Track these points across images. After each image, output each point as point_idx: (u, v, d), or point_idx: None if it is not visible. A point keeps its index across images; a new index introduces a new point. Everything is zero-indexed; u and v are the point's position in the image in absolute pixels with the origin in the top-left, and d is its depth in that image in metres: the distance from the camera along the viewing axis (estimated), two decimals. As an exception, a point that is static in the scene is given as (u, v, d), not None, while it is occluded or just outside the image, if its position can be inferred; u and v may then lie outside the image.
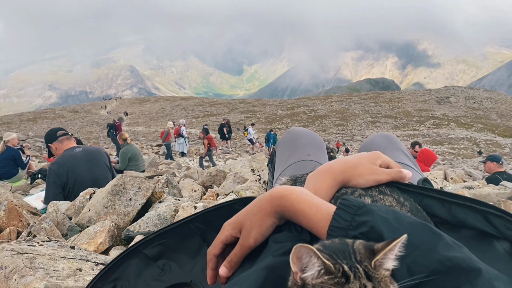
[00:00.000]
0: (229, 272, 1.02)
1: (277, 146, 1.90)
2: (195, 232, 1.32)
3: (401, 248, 0.77)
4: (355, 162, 1.15)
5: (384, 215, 0.89)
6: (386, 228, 0.85)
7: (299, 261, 0.74)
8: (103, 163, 4.36)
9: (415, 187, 1.11)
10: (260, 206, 1.03)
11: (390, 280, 0.76)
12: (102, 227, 2.40)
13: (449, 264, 0.78)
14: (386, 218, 0.88)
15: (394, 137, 1.77)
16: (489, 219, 0.97)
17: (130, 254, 1.32)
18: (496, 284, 0.75)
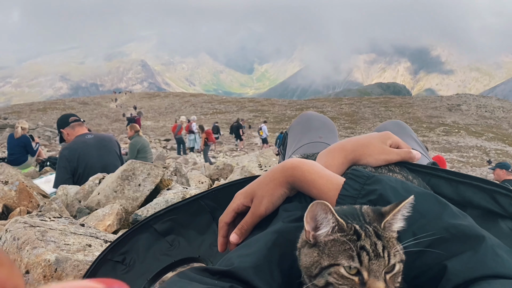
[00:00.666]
0: (240, 239, 1.05)
1: (289, 129, 1.93)
2: (205, 209, 1.35)
3: (409, 209, 0.80)
4: (366, 141, 1.17)
5: (393, 184, 0.91)
6: (394, 196, 0.87)
7: (313, 220, 0.76)
8: (113, 151, 4.41)
9: (423, 167, 1.14)
10: (273, 176, 1.06)
11: (397, 242, 0.78)
12: (111, 210, 2.44)
13: (454, 231, 0.80)
14: (394, 187, 0.90)
15: (405, 125, 1.79)
16: (495, 198, 0.99)
17: (141, 228, 1.36)
18: (498, 251, 0.77)
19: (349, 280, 0.72)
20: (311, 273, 0.76)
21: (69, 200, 2.75)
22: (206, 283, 0.75)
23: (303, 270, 0.79)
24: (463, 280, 0.74)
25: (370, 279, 0.72)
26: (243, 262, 0.82)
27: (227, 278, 0.79)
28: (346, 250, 0.73)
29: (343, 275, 0.72)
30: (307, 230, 0.77)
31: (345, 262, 0.72)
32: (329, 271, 0.73)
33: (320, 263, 0.74)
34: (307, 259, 0.77)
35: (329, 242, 0.75)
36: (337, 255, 0.73)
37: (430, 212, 0.84)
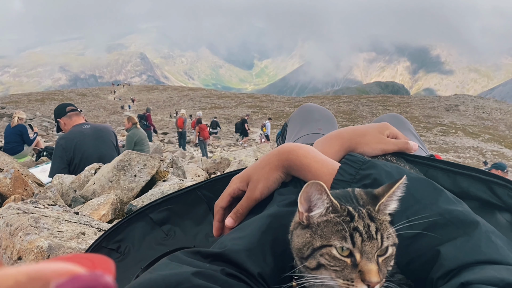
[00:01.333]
0: (235, 222, 1.05)
1: (289, 120, 1.92)
2: (202, 199, 1.34)
3: (402, 189, 0.79)
4: (364, 130, 1.17)
5: (388, 169, 0.91)
6: (389, 181, 0.85)
7: (306, 201, 0.75)
8: (110, 141, 4.39)
9: (421, 158, 1.14)
10: (268, 160, 1.06)
11: (390, 225, 0.77)
12: (106, 200, 2.43)
13: (448, 216, 0.80)
14: (390, 172, 0.90)
15: (403, 118, 1.78)
16: (492, 189, 0.98)
17: (137, 217, 1.34)
18: (492, 238, 0.76)
19: (341, 262, 0.71)
20: (303, 254, 0.75)
21: (64, 189, 2.73)
22: (197, 266, 0.73)
23: (294, 251, 0.78)
24: (456, 265, 0.73)
25: (362, 260, 0.71)
26: (236, 245, 0.81)
27: (219, 261, 0.78)
28: (339, 231, 0.72)
29: (335, 256, 0.71)
30: (301, 211, 0.76)
31: (338, 243, 0.71)
32: (321, 252, 0.72)
33: (312, 244, 0.73)
34: (299, 240, 0.76)
35: (322, 223, 0.74)
36: (329, 236, 0.72)
37: (425, 198, 0.84)
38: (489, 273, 0.68)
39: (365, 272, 0.70)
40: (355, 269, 0.71)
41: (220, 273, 0.72)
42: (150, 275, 0.69)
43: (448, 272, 0.74)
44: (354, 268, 0.71)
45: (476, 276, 0.67)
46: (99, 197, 2.52)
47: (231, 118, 45.17)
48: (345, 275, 0.70)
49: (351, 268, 0.71)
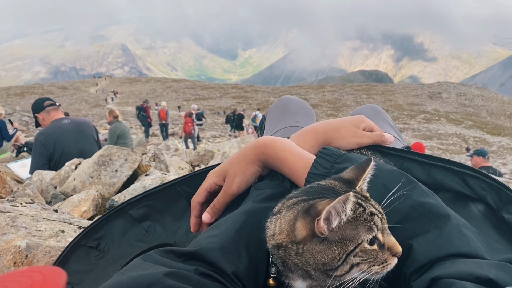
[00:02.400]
0: (212, 218, 1.04)
1: (267, 113, 1.90)
2: (182, 194, 1.33)
3: (372, 172, 0.81)
4: (339, 124, 1.17)
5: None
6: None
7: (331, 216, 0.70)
8: (90, 136, 4.33)
9: (396, 150, 1.14)
10: (244, 154, 1.05)
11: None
12: (87, 196, 2.39)
13: (421, 209, 0.81)
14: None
15: (381, 109, 1.79)
16: (465, 180, 0.99)
17: (116, 214, 1.33)
18: (464, 230, 0.78)
19: (373, 252, 0.71)
20: (332, 266, 0.71)
21: (44, 185, 2.68)
22: (170, 266, 0.72)
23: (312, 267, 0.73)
24: (428, 259, 0.74)
25: (385, 238, 0.72)
26: (210, 243, 0.80)
27: (193, 260, 0.77)
28: (363, 224, 0.71)
29: (367, 249, 0.70)
30: (322, 225, 0.69)
31: (369, 235, 0.70)
32: (354, 254, 0.70)
33: (345, 250, 0.70)
34: (323, 256, 0.71)
35: (343, 226, 0.71)
36: (355, 234, 0.71)
37: (400, 190, 0.83)
38: (459, 267, 0.68)
39: (392, 247, 0.72)
40: (383, 250, 0.72)
41: (193, 272, 0.71)
42: (121, 276, 0.68)
43: (421, 267, 0.74)
44: (383, 250, 0.72)
45: (446, 270, 0.68)
46: (80, 193, 2.49)
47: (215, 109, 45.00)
48: (379, 260, 0.71)
49: (381, 252, 0.71)
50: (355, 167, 0.81)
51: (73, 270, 1.22)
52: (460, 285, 0.62)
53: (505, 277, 0.65)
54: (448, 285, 0.64)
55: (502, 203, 0.93)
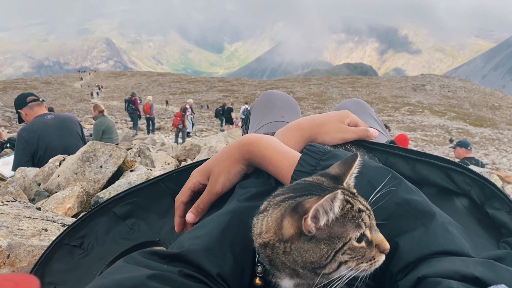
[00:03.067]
0: (196, 218, 1.02)
1: (252, 108, 1.89)
2: (166, 191, 1.32)
3: (358, 167, 0.80)
4: (323, 120, 1.16)
5: None
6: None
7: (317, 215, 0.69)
8: (75, 131, 4.26)
9: (381, 145, 1.14)
10: (229, 153, 1.03)
11: None
12: (71, 193, 2.36)
13: (407, 207, 0.80)
14: None
15: (365, 103, 1.79)
16: (450, 175, 1.00)
17: (99, 211, 1.31)
18: (449, 228, 0.78)
19: (361, 249, 0.70)
20: (320, 264, 0.70)
21: (27, 183, 2.64)
22: (154, 268, 0.71)
23: (297, 265, 0.72)
24: (414, 258, 0.74)
25: (373, 235, 0.71)
26: (194, 244, 0.79)
27: (176, 262, 0.75)
28: (351, 222, 0.70)
29: (355, 247, 0.70)
30: (309, 224, 0.69)
31: (357, 233, 0.70)
32: (342, 251, 0.69)
33: (333, 248, 0.69)
34: (312, 254, 0.70)
35: (331, 223, 0.70)
36: (343, 232, 0.70)
37: (385, 187, 0.83)
38: (444, 265, 0.68)
39: (380, 244, 0.71)
40: (371, 247, 0.71)
41: (177, 274, 0.71)
42: (103, 280, 0.66)
43: (407, 265, 0.74)
44: (371, 247, 0.71)
45: (432, 269, 0.68)
46: (64, 190, 2.45)
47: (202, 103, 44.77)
48: (367, 258, 0.71)
49: (369, 249, 0.71)
50: (341, 163, 0.81)
51: (56, 270, 1.20)
52: (446, 284, 0.62)
53: (491, 275, 0.64)
54: (434, 284, 0.64)
55: (485, 198, 0.94)
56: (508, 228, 0.85)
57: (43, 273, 1.20)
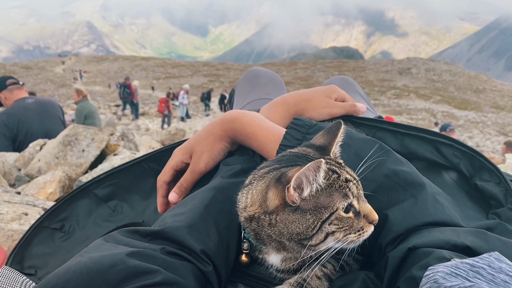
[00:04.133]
0: (179, 197, 1.00)
1: (236, 85, 1.86)
2: (149, 172, 1.30)
3: (344, 135, 0.80)
4: (310, 94, 1.14)
5: None
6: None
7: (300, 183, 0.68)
8: (56, 115, 4.18)
9: (368, 120, 1.13)
10: (211, 130, 1.01)
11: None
12: (53, 177, 2.32)
13: (396, 178, 0.79)
14: None
15: (352, 80, 1.78)
16: (438, 149, 1.00)
17: (80, 193, 1.29)
18: (439, 199, 0.78)
19: (348, 219, 0.69)
20: (307, 235, 0.69)
21: (6, 168, 2.57)
22: (134, 246, 0.69)
23: (290, 236, 0.71)
24: (404, 229, 0.73)
25: (360, 205, 0.71)
26: (177, 221, 0.77)
27: (159, 240, 0.73)
28: (337, 191, 0.69)
29: (342, 217, 0.69)
30: (291, 194, 0.68)
31: (343, 202, 0.69)
32: (329, 221, 0.68)
33: (320, 218, 0.68)
34: (298, 225, 0.69)
35: (316, 193, 0.69)
36: (332, 201, 0.69)
37: (373, 158, 0.82)
38: (435, 235, 0.68)
39: (368, 214, 0.71)
40: (359, 217, 0.70)
41: (159, 252, 0.69)
42: (80, 258, 0.64)
43: (397, 237, 0.73)
44: (359, 217, 0.70)
45: (423, 239, 0.67)
46: (45, 174, 2.41)
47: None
48: (355, 228, 0.70)
49: (357, 219, 0.70)
50: (325, 132, 0.80)
51: (36, 253, 1.18)
52: (437, 254, 0.62)
53: (482, 244, 0.64)
54: (425, 254, 0.64)
55: (474, 170, 0.94)
56: (497, 199, 0.85)
57: (23, 256, 1.17)
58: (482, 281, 0.50)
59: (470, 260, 0.54)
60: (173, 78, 52.88)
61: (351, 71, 59.70)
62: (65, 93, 36.52)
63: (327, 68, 62.41)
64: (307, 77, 54.03)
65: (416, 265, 0.62)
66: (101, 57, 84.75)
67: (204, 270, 0.73)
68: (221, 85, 46.95)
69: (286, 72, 58.01)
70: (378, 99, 42.06)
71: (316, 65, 65.99)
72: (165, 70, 60.74)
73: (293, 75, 55.41)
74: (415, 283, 0.58)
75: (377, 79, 53.82)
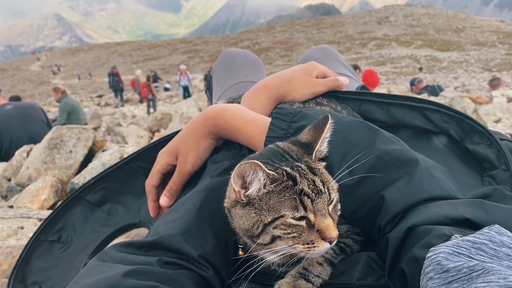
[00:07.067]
0: (170, 201, 0.99)
1: (213, 71, 1.80)
2: (138, 171, 1.27)
3: (331, 131, 0.77)
4: (290, 76, 1.10)
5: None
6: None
7: (241, 180, 0.68)
8: (38, 118, 4.10)
9: (352, 93, 1.10)
10: (194, 129, 0.98)
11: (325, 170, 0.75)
12: (44, 183, 2.28)
13: (388, 158, 0.78)
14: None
15: (331, 48, 1.73)
16: (426, 115, 0.97)
17: (72, 202, 1.27)
18: (433, 172, 0.76)
19: (297, 227, 0.67)
20: (253, 233, 0.69)
21: (-4, 180, 2.53)
22: (130, 262, 0.67)
23: (240, 231, 0.73)
24: (401, 208, 0.72)
25: (317, 219, 0.68)
26: (171, 229, 0.75)
27: (154, 250, 0.72)
28: (286, 200, 0.67)
29: (290, 223, 0.67)
30: (237, 190, 0.69)
31: (289, 213, 0.67)
32: (274, 225, 0.67)
33: (261, 220, 0.68)
34: (244, 221, 0.70)
35: (264, 196, 0.69)
36: (278, 207, 0.68)
37: (362, 141, 0.80)
38: (433, 211, 0.67)
39: (323, 230, 0.67)
40: (312, 230, 0.68)
41: (156, 264, 0.67)
42: (76, 286, 0.62)
43: (395, 217, 0.72)
44: (311, 229, 0.68)
45: (421, 217, 0.66)
46: (36, 181, 2.37)
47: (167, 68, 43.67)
48: (304, 239, 0.67)
49: (308, 230, 0.67)
50: (312, 128, 0.78)
51: (37, 268, 1.16)
52: (437, 231, 0.60)
53: (481, 214, 0.63)
54: (425, 232, 0.62)
55: (464, 133, 0.92)
56: (490, 161, 0.84)
57: (25, 274, 1.16)
58: (485, 257, 0.49)
59: (471, 237, 0.52)
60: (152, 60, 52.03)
61: (329, 27, 59.00)
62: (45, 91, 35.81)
63: (305, 28, 61.61)
64: (286, 40, 53.35)
65: (417, 245, 0.61)
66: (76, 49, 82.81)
67: (204, 276, 0.71)
68: (201, 60, 46.33)
69: (265, 38, 57.20)
70: (360, 52, 41.81)
71: (294, 27, 65.06)
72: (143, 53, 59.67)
73: (272, 40, 54.67)
74: (417, 263, 0.57)
75: (357, 32, 53.32)
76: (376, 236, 0.78)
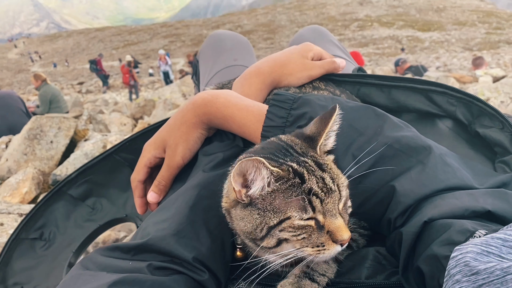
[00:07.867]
0: (159, 197, 0.91)
1: (199, 55, 1.70)
2: (122, 163, 1.21)
3: (338, 122, 0.71)
4: (285, 58, 1.02)
5: (323, 103, 0.80)
6: None
7: (242, 178, 0.62)
8: (17, 108, 3.97)
9: (351, 76, 1.03)
10: (183, 118, 0.91)
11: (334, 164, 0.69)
12: (25, 176, 2.20)
13: (398, 145, 0.71)
14: (325, 106, 0.79)
15: (323, 29, 1.66)
16: (430, 98, 0.92)
17: (54, 197, 1.20)
18: (447, 160, 0.70)
19: (306, 228, 0.61)
20: (256, 236, 0.63)
21: (-27, 174, 2.44)
22: (117, 269, 0.61)
23: (242, 234, 0.67)
24: (413, 200, 0.66)
25: (327, 220, 0.62)
26: (161, 230, 0.68)
27: (144, 254, 0.65)
28: (293, 200, 0.61)
29: (298, 225, 0.61)
30: (237, 190, 0.63)
31: (296, 214, 0.60)
32: (280, 228, 0.61)
33: (266, 223, 0.62)
34: (246, 223, 0.64)
35: (269, 195, 0.62)
36: (284, 208, 0.61)
37: (369, 128, 0.74)
38: (451, 203, 0.62)
39: (334, 231, 0.61)
40: (322, 231, 0.62)
41: (146, 270, 0.61)
42: None
43: (407, 209, 0.67)
44: (321, 231, 0.62)
45: (438, 209, 0.61)
46: (16, 174, 2.29)
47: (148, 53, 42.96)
48: (313, 242, 0.61)
49: (317, 232, 0.62)
50: (319, 120, 0.71)
51: (18, 268, 1.11)
52: (459, 226, 0.55)
53: (504, 206, 0.59)
54: (444, 227, 0.57)
55: (473, 116, 0.86)
56: (502, 146, 0.78)
57: (5, 274, 1.10)
58: None
59: (502, 234, 0.48)
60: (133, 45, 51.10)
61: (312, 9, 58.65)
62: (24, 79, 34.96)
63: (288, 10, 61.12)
64: (269, 22, 52.88)
65: (437, 241, 0.56)
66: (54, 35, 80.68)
67: (199, 280, 0.65)
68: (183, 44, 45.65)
69: (247, 21, 56.60)
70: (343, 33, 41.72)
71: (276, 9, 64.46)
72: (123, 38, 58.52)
73: (255, 23, 54.12)
74: (438, 262, 0.53)
75: (339, 13, 53.13)
76: (385, 230, 0.72)
